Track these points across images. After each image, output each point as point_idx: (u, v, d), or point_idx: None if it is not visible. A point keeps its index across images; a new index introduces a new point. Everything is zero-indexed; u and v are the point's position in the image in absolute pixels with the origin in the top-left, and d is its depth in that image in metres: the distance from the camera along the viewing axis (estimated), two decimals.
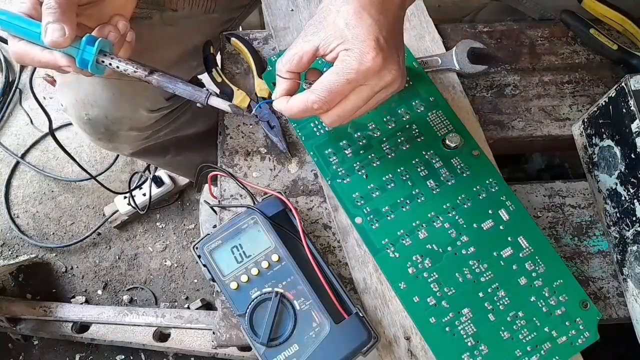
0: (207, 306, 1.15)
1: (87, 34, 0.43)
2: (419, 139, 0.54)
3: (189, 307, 1.14)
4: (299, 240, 0.48)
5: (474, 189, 0.52)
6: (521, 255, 0.50)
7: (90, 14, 0.45)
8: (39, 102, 0.65)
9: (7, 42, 0.45)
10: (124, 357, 1.13)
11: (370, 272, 0.50)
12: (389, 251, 0.50)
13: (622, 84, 0.48)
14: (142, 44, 0.59)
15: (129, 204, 1.16)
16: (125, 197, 1.19)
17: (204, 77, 0.72)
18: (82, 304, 1.16)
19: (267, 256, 0.47)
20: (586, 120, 0.55)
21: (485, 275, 0.49)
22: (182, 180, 1.23)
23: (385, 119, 0.55)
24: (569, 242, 0.54)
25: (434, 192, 0.52)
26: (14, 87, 1.37)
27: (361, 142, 0.54)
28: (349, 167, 0.53)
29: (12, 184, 1.29)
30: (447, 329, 0.47)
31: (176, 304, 1.18)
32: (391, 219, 0.51)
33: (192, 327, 1.03)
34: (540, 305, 0.48)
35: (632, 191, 0.49)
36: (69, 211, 1.27)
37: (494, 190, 0.52)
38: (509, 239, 0.50)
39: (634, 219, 0.49)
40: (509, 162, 0.93)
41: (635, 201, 0.48)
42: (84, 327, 1.07)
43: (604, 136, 0.52)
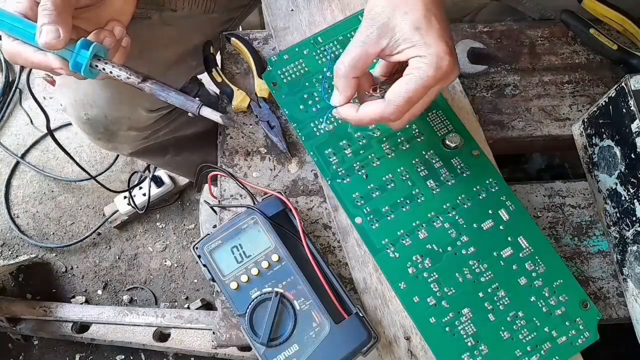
0: (207, 306, 1.15)
1: (83, 37, 0.43)
2: (419, 139, 0.54)
3: (189, 307, 1.14)
4: (299, 240, 0.48)
5: (474, 189, 0.52)
6: (521, 255, 0.50)
7: (87, 17, 0.45)
8: (37, 101, 0.65)
9: None
10: (124, 357, 1.13)
11: (370, 272, 0.50)
12: (389, 251, 0.50)
13: (622, 84, 0.48)
14: (142, 44, 0.59)
15: (128, 204, 1.16)
16: (125, 197, 1.19)
17: (204, 77, 0.72)
18: (82, 304, 1.16)
19: (267, 256, 0.47)
20: (586, 120, 0.55)
21: (485, 275, 0.49)
22: (182, 180, 1.23)
23: None
24: (569, 242, 0.54)
25: (434, 192, 0.52)
26: (14, 87, 1.37)
27: (361, 142, 0.54)
28: (349, 167, 0.53)
29: (12, 184, 1.29)
30: (447, 329, 0.47)
31: (176, 304, 1.18)
32: (391, 219, 0.51)
33: (192, 327, 1.03)
34: (540, 305, 0.48)
35: (632, 191, 0.49)
36: (69, 211, 1.27)
37: (494, 190, 0.52)
38: (509, 239, 0.50)
39: (634, 219, 0.49)
40: (509, 162, 0.93)
41: (635, 201, 0.48)
42: (84, 327, 1.07)
43: (604, 136, 0.52)
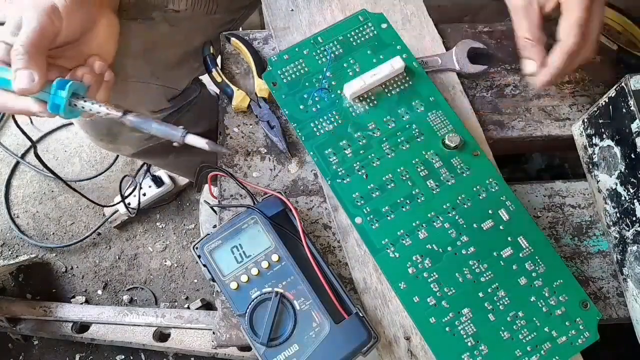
0: (207, 306, 1.15)
1: (58, 77, 0.42)
2: (419, 139, 0.54)
3: (189, 307, 1.14)
4: (299, 240, 0.48)
5: (474, 189, 0.52)
6: (521, 255, 0.50)
7: (69, 55, 0.45)
8: (19, 127, 0.64)
9: None
10: (124, 357, 1.14)
11: (370, 272, 0.50)
12: (389, 251, 0.50)
13: (622, 84, 0.48)
14: (144, 46, 0.59)
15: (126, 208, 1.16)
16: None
17: (204, 77, 0.72)
18: (82, 304, 1.16)
19: (267, 256, 0.47)
20: (586, 120, 0.55)
21: (485, 275, 0.49)
22: (182, 180, 1.23)
23: (385, 119, 0.55)
24: (569, 242, 0.54)
25: (434, 192, 0.52)
26: None
27: (361, 142, 0.54)
28: (349, 167, 0.53)
29: (12, 184, 1.29)
30: (447, 329, 0.48)
31: (176, 304, 1.18)
32: (391, 219, 0.51)
33: (192, 327, 1.03)
34: (540, 305, 0.48)
35: (632, 191, 0.49)
36: (69, 211, 1.27)
37: (494, 190, 0.52)
38: (509, 239, 0.50)
39: (634, 219, 0.49)
40: (509, 162, 0.93)
41: (635, 201, 0.48)
42: (84, 327, 1.07)
43: (604, 136, 0.52)
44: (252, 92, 0.59)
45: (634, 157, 0.48)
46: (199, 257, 0.47)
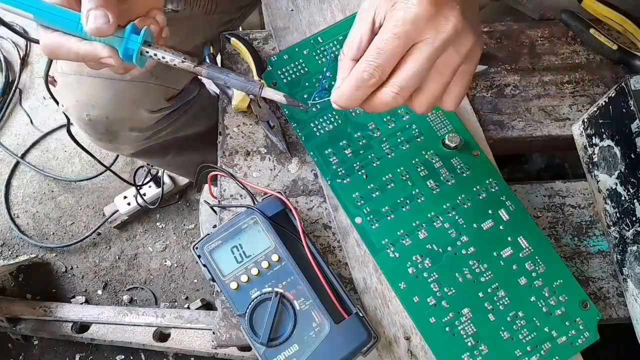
0: (207, 306, 1.15)
1: (131, 22, 0.40)
2: (419, 139, 0.54)
3: (189, 307, 1.14)
4: (299, 240, 0.48)
5: (474, 189, 0.52)
6: (521, 255, 0.50)
7: (122, 10, 0.42)
8: (50, 92, 0.62)
9: (38, 42, 0.42)
10: (124, 357, 1.13)
11: (370, 272, 0.50)
12: (389, 251, 0.50)
13: (622, 84, 0.48)
14: None
15: (136, 201, 1.15)
16: (125, 197, 1.19)
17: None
18: (82, 304, 1.16)
19: (267, 256, 0.47)
20: (586, 120, 0.55)
21: (485, 275, 0.49)
22: (182, 180, 1.23)
23: (385, 119, 0.55)
24: (569, 242, 0.54)
25: (434, 192, 0.52)
26: (14, 87, 1.37)
27: (361, 142, 0.54)
28: (349, 167, 0.53)
29: (12, 184, 1.29)
30: (447, 329, 0.48)
31: (176, 304, 1.18)
32: (391, 219, 0.51)
33: (192, 327, 1.03)
34: (540, 305, 0.48)
35: (632, 191, 0.49)
36: (69, 211, 1.27)
37: (494, 190, 0.52)
38: (509, 239, 0.50)
39: (634, 219, 0.49)
40: (509, 162, 0.93)
41: (635, 201, 0.48)
42: (84, 327, 1.07)
43: (604, 136, 0.52)
44: None
45: (634, 157, 0.48)
46: (199, 257, 0.47)
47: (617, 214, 0.51)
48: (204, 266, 0.47)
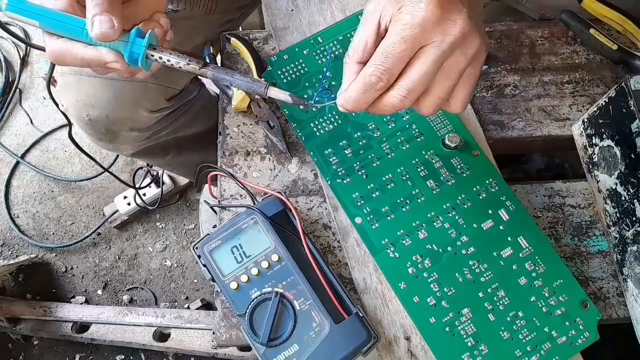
0: (207, 306, 1.15)
1: (136, 25, 0.40)
2: (419, 139, 0.54)
3: (189, 307, 1.14)
4: (299, 240, 0.48)
5: (474, 189, 0.52)
6: (521, 255, 0.50)
7: (125, 14, 0.42)
8: (52, 96, 0.61)
9: (44, 49, 0.41)
10: (124, 357, 1.14)
11: (370, 272, 0.50)
12: (389, 251, 0.50)
13: (622, 84, 0.48)
14: None
15: (135, 201, 1.16)
16: (125, 197, 1.19)
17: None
18: (82, 304, 1.16)
19: (267, 256, 0.47)
20: (586, 120, 0.55)
21: (485, 275, 0.49)
22: (182, 180, 1.23)
23: (385, 119, 0.55)
24: (569, 242, 0.54)
25: (434, 192, 0.52)
26: (14, 87, 1.37)
27: (361, 142, 0.54)
28: (349, 167, 0.53)
29: (12, 184, 1.29)
30: (447, 329, 0.47)
31: (176, 304, 1.18)
32: (391, 219, 0.51)
33: (192, 327, 1.03)
34: (540, 305, 0.48)
35: (632, 191, 0.49)
36: (69, 211, 1.27)
37: (494, 190, 0.52)
38: (509, 239, 0.50)
39: (634, 219, 0.49)
40: (509, 162, 0.93)
41: (635, 201, 0.48)
42: (84, 327, 1.07)
43: (604, 136, 0.52)
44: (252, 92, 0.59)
45: (634, 157, 0.48)
46: (199, 257, 0.47)
47: (617, 214, 0.51)
48: (204, 266, 0.47)
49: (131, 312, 1.05)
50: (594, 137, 0.54)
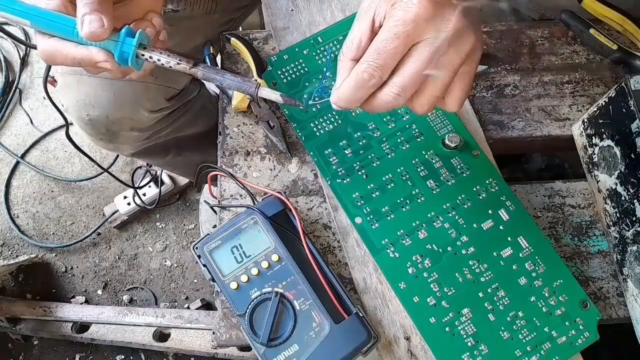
0: (207, 306, 1.15)
1: (127, 25, 0.40)
2: (419, 139, 0.54)
3: (189, 307, 1.14)
4: (299, 240, 0.48)
5: (474, 189, 0.52)
6: (521, 255, 0.50)
7: (118, 14, 0.42)
8: (50, 97, 0.62)
9: (30, 45, 0.42)
10: (124, 357, 1.14)
11: (370, 272, 0.50)
12: (389, 251, 0.50)
13: (622, 84, 0.48)
14: None
15: (134, 201, 1.16)
16: (125, 197, 1.19)
17: None
18: (82, 304, 1.16)
19: (267, 256, 0.47)
20: (586, 120, 0.55)
21: (485, 275, 0.49)
22: (182, 180, 1.23)
23: (385, 119, 0.55)
24: (569, 242, 0.54)
25: (434, 192, 0.52)
26: (14, 87, 1.37)
27: (361, 142, 0.54)
28: (349, 167, 0.53)
29: (12, 184, 1.29)
30: (447, 329, 0.47)
31: (176, 304, 1.18)
32: (391, 219, 0.51)
33: (192, 327, 1.03)
34: (540, 305, 0.48)
35: (632, 191, 0.49)
36: (69, 211, 1.27)
37: (494, 190, 0.52)
38: (509, 239, 0.50)
39: (634, 219, 0.49)
40: (509, 162, 0.93)
41: (635, 201, 0.48)
42: (84, 327, 1.07)
43: (604, 136, 0.52)
44: None
45: (634, 157, 0.48)
46: (199, 257, 0.47)
47: (617, 214, 0.51)
48: (204, 266, 0.47)
49: (131, 312, 1.05)
50: (594, 137, 0.54)
